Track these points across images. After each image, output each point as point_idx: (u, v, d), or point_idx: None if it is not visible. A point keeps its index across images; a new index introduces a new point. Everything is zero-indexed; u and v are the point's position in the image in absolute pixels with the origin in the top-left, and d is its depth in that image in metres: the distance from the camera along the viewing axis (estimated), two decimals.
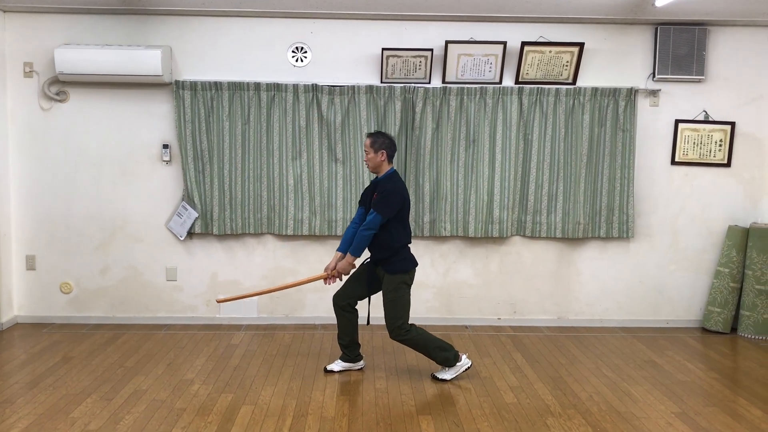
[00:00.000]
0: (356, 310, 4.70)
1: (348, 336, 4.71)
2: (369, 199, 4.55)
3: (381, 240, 4.46)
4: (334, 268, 4.56)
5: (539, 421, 3.99)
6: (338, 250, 4.67)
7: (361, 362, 4.83)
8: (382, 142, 4.47)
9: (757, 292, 5.74)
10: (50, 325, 5.87)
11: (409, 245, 4.57)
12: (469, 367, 4.67)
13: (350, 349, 4.76)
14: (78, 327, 5.81)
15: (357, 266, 4.63)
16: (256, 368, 4.84)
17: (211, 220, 5.81)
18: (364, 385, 4.55)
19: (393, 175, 4.53)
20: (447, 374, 4.62)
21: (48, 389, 4.38)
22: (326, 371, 4.76)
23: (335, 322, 5.90)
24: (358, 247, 4.45)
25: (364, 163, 4.63)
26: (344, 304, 4.65)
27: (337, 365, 4.78)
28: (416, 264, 4.59)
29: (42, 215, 5.84)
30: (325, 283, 4.65)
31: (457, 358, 4.59)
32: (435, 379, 4.63)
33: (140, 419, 3.94)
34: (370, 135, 4.52)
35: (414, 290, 4.72)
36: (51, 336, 5.56)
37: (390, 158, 4.52)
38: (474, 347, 5.36)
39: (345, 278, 4.70)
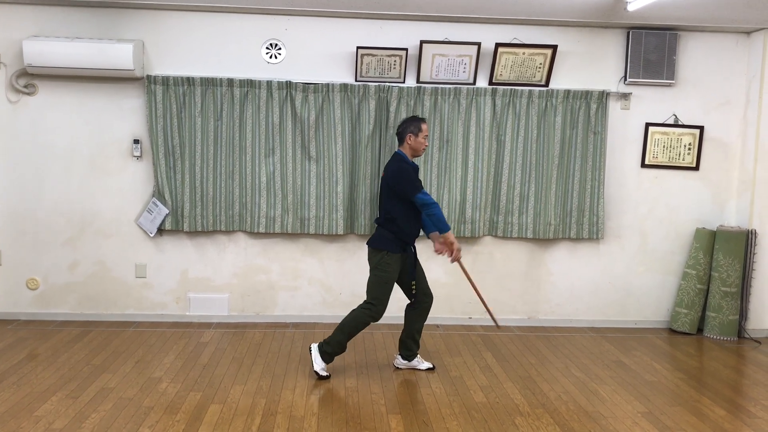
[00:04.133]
0: (417, 305, 4.72)
1: (403, 332, 4.79)
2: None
3: (389, 209, 4.53)
4: (448, 250, 4.60)
5: (508, 420, 4.02)
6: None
7: (417, 361, 4.89)
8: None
9: (722, 294, 5.84)
10: (15, 321, 5.76)
11: (405, 232, 4.56)
12: (323, 377, 4.60)
13: (407, 346, 4.83)
14: (44, 324, 5.72)
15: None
16: (226, 367, 4.81)
17: (181, 217, 5.75)
18: (333, 383, 4.54)
19: (396, 155, 4.66)
20: (319, 364, 4.59)
21: (12, 387, 4.30)
22: (431, 369, 4.84)
23: (306, 321, 5.94)
24: (438, 223, 4.45)
25: (424, 149, 4.64)
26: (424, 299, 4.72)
27: (424, 364, 4.86)
28: (395, 251, 4.53)
29: (9, 210, 5.73)
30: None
31: (329, 356, 4.60)
32: (316, 373, 4.60)
33: (107, 417, 3.89)
34: (424, 121, 4.59)
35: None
36: (16, 333, 5.46)
37: (413, 135, 4.60)
38: (445, 346, 5.38)
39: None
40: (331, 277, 5.97)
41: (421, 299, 4.70)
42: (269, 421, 3.90)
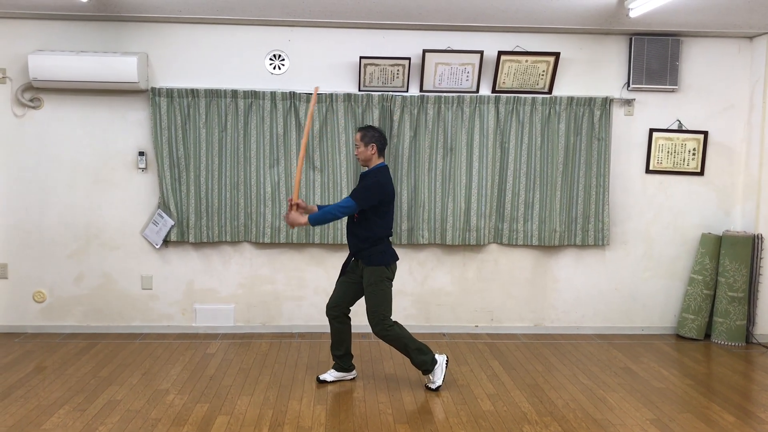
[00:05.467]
0: (349, 319, 4.68)
1: (342, 346, 4.70)
2: None
3: (359, 231, 4.48)
4: (291, 209, 4.49)
5: (516, 428, 4.00)
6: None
7: (354, 372, 4.81)
8: (372, 135, 4.48)
9: (729, 299, 5.81)
10: (22, 334, 5.78)
11: (389, 238, 4.57)
12: (447, 360, 4.70)
13: (344, 359, 4.74)
14: (51, 336, 5.73)
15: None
16: (232, 378, 4.80)
17: (187, 228, 5.76)
18: (341, 394, 4.53)
19: (381, 169, 4.52)
20: (436, 378, 4.59)
21: (19, 400, 4.30)
22: (319, 381, 4.71)
23: (312, 331, 5.93)
24: (319, 217, 4.41)
25: (355, 156, 4.60)
26: (337, 313, 4.63)
27: (330, 375, 4.75)
28: (397, 258, 4.58)
29: (15, 223, 5.75)
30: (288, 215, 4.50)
31: (434, 362, 4.59)
32: (430, 389, 4.59)
33: (114, 430, 3.88)
34: (360, 129, 4.54)
35: (392, 297, 4.70)
36: (23, 346, 5.47)
37: (380, 152, 4.53)
38: (451, 355, 5.37)
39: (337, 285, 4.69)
40: None
41: (328, 310, 4.66)
42: (277, 431, 3.90)
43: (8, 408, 4.17)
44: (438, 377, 4.59)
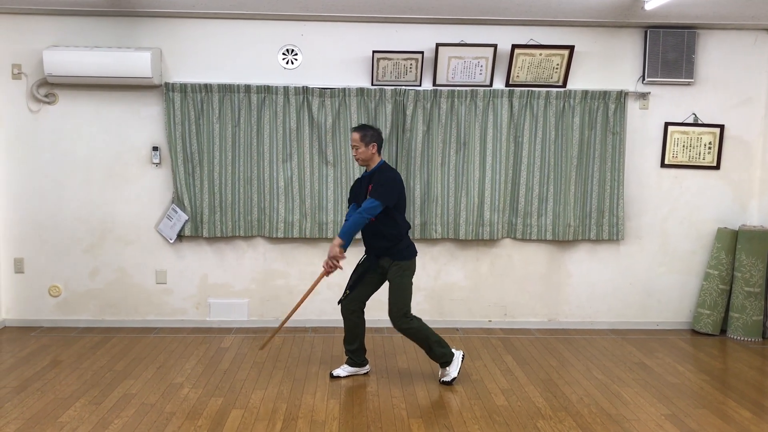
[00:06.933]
0: (363, 313, 4.69)
1: (357, 340, 4.71)
2: (361, 192, 4.54)
3: (385, 230, 4.47)
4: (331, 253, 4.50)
5: (530, 423, 3.99)
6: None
7: (367, 366, 4.82)
8: (371, 134, 4.47)
9: (746, 294, 5.76)
10: (38, 328, 5.83)
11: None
12: (464, 356, 4.72)
13: (357, 353, 4.75)
14: (67, 330, 5.77)
15: (345, 256, 4.55)
16: (246, 372, 4.82)
17: (201, 223, 5.78)
18: (354, 388, 4.54)
19: (386, 165, 4.55)
20: (452, 371, 4.60)
21: (36, 393, 4.34)
22: (332, 377, 4.71)
23: (325, 325, 5.94)
24: (349, 230, 4.42)
25: (353, 158, 4.59)
26: (355, 308, 4.64)
27: (344, 370, 4.76)
28: (416, 252, 4.62)
29: (30, 218, 5.80)
30: (327, 276, 4.60)
31: (452, 354, 4.60)
32: (445, 383, 4.60)
33: (129, 423, 3.91)
34: (357, 129, 4.50)
35: None
36: (39, 340, 5.52)
37: (379, 150, 4.53)
38: (465, 350, 5.36)
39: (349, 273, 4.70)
40: None
41: (345, 305, 4.65)
42: (290, 425, 3.91)
43: (25, 401, 4.21)
44: (454, 370, 4.60)
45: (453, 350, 4.63)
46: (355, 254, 4.92)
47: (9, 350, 5.25)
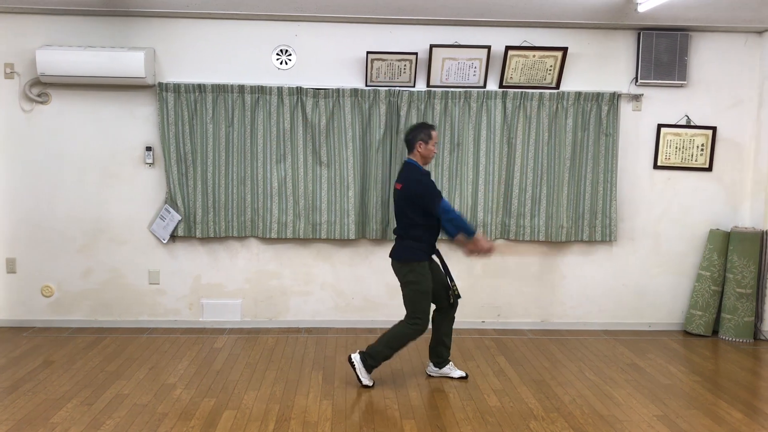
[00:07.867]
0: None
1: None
2: None
3: (411, 228, 4.47)
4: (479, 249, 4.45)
5: (522, 424, 4.00)
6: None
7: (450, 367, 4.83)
8: None
9: (737, 296, 5.79)
10: (30, 329, 5.80)
11: (429, 239, 4.53)
12: (462, 376, 4.73)
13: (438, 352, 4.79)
14: (59, 331, 5.76)
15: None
16: (239, 372, 4.82)
17: (194, 223, 5.77)
18: (347, 389, 4.53)
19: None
20: (365, 377, 4.56)
21: (27, 394, 4.33)
22: (464, 378, 4.74)
23: (319, 326, 5.95)
24: (460, 226, 4.38)
25: (435, 156, 4.67)
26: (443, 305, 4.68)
27: (456, 372, 4.78)
28: (424, 258, 4.50)
29: (23, 217, 5.78)
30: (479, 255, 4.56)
31: (372, 369, 4.57)
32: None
33: (121, 424, 3.90)
34: (434, 128, 4.52)
35: (397, 292, 4.69)
36: (31, 340, 5.50)
37: None
38: (458, 350, 5.37)
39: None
40: (343, 282, 5.97)
41: (455, 302, 4.67)
42: (283, 426, 3.91)
43: (16, 401, 4.20)
44: (365, 375, 4.56)
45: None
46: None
47: (1, 351, 5.22)
